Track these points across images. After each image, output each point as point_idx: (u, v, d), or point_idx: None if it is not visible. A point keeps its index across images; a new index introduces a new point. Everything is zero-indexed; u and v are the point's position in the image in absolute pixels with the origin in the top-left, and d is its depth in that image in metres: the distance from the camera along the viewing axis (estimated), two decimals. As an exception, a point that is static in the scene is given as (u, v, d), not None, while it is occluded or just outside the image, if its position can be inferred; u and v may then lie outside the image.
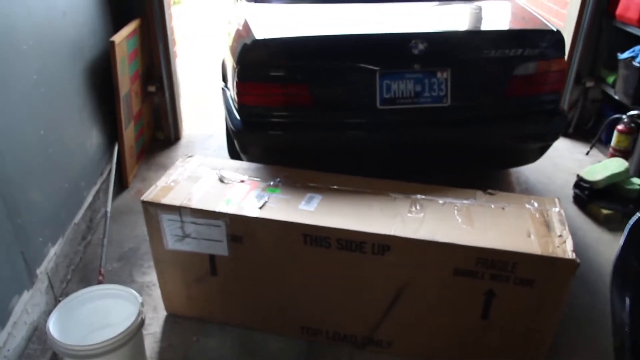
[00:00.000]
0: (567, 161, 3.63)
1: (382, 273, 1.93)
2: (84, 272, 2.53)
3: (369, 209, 1.98)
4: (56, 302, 2.27)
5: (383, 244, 1.86)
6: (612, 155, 3.41)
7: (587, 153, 3.71)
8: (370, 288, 1.98)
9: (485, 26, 2.79)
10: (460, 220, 1.93)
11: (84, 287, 2.37)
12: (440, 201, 2.04)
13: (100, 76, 2.96)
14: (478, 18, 2.85)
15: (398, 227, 1.88)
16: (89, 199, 2.76)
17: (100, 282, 2.31)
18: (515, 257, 1.77)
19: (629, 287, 0.87)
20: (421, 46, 2.37)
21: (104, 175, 3.00)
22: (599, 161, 3.47)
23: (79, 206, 2.64)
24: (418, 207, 2.00)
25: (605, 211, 2.96)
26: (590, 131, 3.88)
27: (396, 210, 1.97)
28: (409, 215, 1.95)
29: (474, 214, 1.97)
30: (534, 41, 2.51)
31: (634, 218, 0.97)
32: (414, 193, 2.08)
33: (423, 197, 2.06)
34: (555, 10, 4.29)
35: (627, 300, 0.83)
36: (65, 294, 2.36)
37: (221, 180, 2.16)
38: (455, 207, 2.00)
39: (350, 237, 1.87)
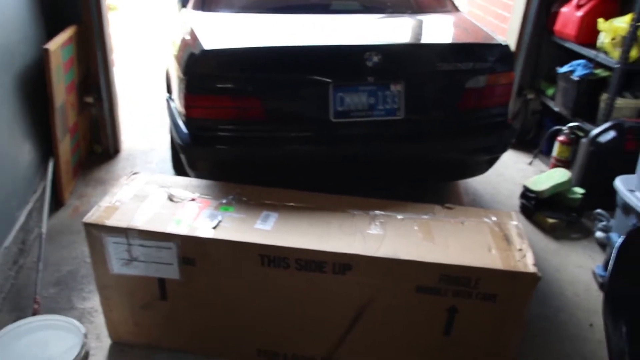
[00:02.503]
0: (512, 171, 3.71)
1: (342, 293, 1.86)
2: (16, 299, 2.32)
3: (327, 227, 1.92)
4: (-15, 335, 2.06)
5: (344, 263, 1.79)
6: (554, 166, 3.51)
7: (530, 163, 3.81)
8: (331, 308, 1.91)
9: (438, 39, 2.80)
10: (421, 236, 1.90)
11: (17, 316, 2.20)
12: (400, 217, 2.01)
13: (33, 86, 2.75)
14: (430, 31, 2.87)
15: (359, 246, 1.82)
16: (21, 219, 2.54)
17: (36, 312, 2.12)
18: (478, 272, 1.76)
19: (624, 313, 0.84)
20: (375, 58, 2.34)
21: (38, 193, 2.78)
22: (542, 171, 3.58)
23: (10, 228, 2.43)
24: (378, 224, 1.95)
25: (550, 220, 3.04)
26: (532, 142, 4.00)
27: (356, 228, 1.92)
28: (369, 232, 1.90)
29: (434, 229, 1.94)
30: (485, 55, 2.53)
31: (620, 241, 0.95)
32: (372, 209, 2.04)
33: (382, 213, 2.02)
34: (494, 24, 4.42)
35: (624, 328, 0.80)
36: (-5, 325, 2.15)
37: (170, 199, 2.03)
38: (415, 223, 1.97)
39: (309, 256, 1.80)
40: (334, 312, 1.92)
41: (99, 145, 3.64)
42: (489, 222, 2.00)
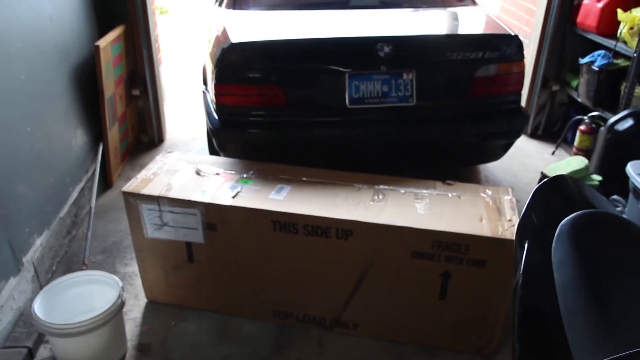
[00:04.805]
0: (534, 160, 3.80)
1: (346, 257, 2.07)
2: (69, 264, 2.66)
3: (334, 198, 2.13)
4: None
5: (346, 229, 2.00)
6: (576, 154, 3.58)
7: (553, 153, 3.89)
8: (336, 272, 2.12)
9: (447, 30, 2.96)
10: (418, 207, 2.08)
11: (69, 277, 2.51)
12: (402, 190, 2.19)
13: (86, 79, 3.10)
14: (442, 23, 3.03)
15: (360, 213, 2.02)
16: (74, 195, 2.89)
17: (83, 271, 2.43)
18: (467, 239, 1.93)
19: (528, 236, 1.03)
20: (387, 49, 2.53)
21: (89, 174, 3.13)
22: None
23: (64, 201, 2.77)
24: (380, 196, 2.15)
25: (566, 206, 3.12)
26: (558, 133, 4.06)
27: (359, 199, 2.12)
28: (371, 203, 2.10)
29: (432, 202, 2.12)
30: (494, 45, 2.68)
31: (540, 184, 1.12)
32: (377, 184, 2.24)
33: (385, 187, 2.21)
34: (525, 19, 4.50)
35: (525, 245, 0.99)
36: (50, 283, 2.48)
37: (198, 173, 2.30)
38: (415, 196, 2.16)
39: (315, 222, 2.02)
40: (339, 275, 2.13)
41: (146, 135, 3.98)
42: (485, 197, 2.16)
